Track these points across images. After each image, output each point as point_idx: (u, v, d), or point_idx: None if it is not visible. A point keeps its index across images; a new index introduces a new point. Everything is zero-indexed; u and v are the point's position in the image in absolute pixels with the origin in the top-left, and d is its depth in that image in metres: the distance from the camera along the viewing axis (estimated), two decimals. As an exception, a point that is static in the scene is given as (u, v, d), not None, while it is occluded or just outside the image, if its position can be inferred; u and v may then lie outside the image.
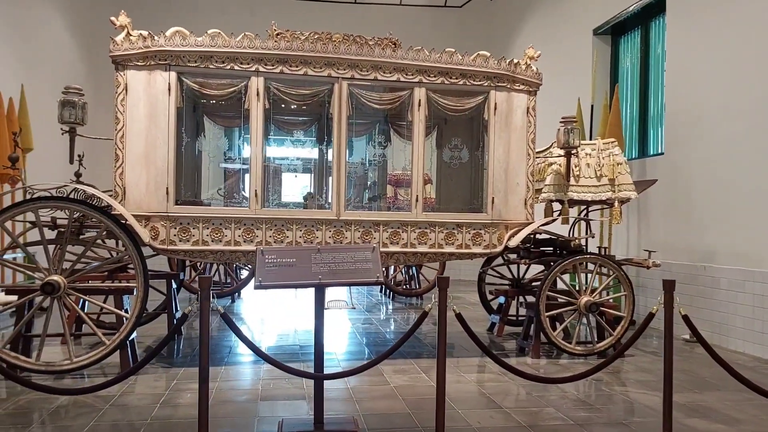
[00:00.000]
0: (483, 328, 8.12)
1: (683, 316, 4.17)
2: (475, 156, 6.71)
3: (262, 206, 5.87)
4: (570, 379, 4.35)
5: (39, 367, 5.28)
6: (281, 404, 4.75)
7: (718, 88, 7.50)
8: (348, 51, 5.82)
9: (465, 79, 6.10)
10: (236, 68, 5.67)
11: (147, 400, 4.78)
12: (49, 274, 5.26)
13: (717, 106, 7.49)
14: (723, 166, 7.37)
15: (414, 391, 5.16)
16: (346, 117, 5.92)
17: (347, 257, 4.19)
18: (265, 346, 7.02)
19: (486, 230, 6.19)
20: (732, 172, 7.23)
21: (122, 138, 5.56)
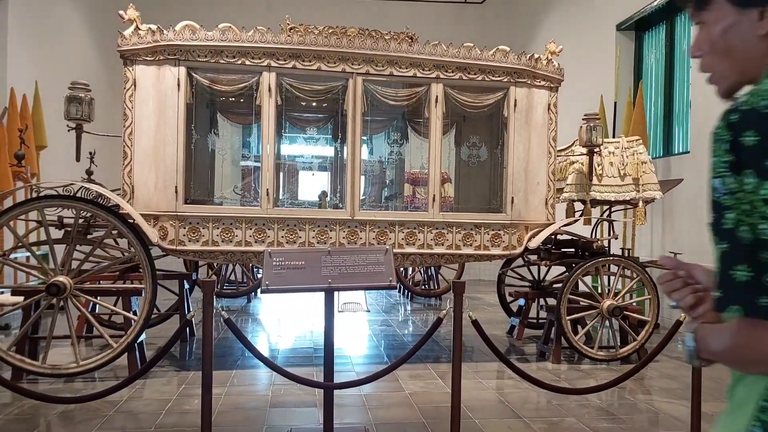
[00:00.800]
0: (503, 330, 7.90)
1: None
2: (495, 154, 6.48)
3: (274, 205, 5.71)
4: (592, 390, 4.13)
5: (45, 369, 5.17)
6: (292, 412, 4.58)
7: (748, 83, 7.21)
8: (363, 45, 5.63)
9: (484, 75, 5.88)
10: (247, 63, 5.50)
11: (153, 406, 4.63)
12: (55, 275, 5.14)
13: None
14: (753, 165, 7.07)
15: (429, 398, 4.97)
16: (360, 113, 5.74)
17: (359, 260, 4.01)
18: (280, 348, 6.87)
19: (505, 231, 5.97)
20: None
21: (131, 135, 5.41)
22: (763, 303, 0.99)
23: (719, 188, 1.06)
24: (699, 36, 1.26)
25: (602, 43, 10.28)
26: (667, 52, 9.19)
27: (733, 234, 1.02)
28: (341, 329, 7.80)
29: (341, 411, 4.55)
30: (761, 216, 1.00)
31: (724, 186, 1.05)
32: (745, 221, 1.01)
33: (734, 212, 1.03)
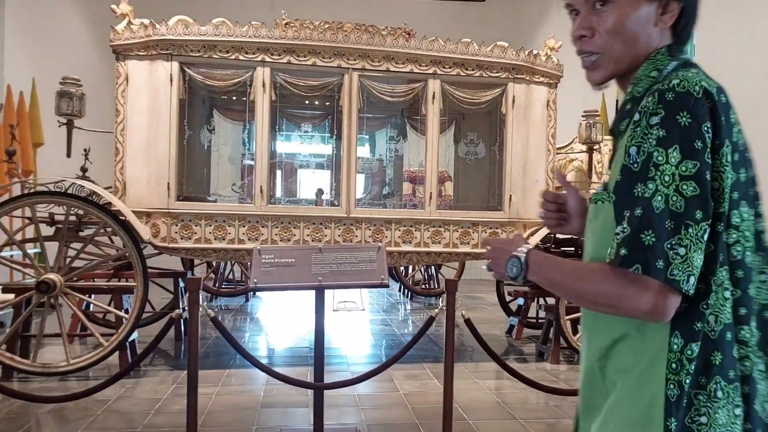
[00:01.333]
0: (502, 330, 7.80)
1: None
2: (492, 152, 6.39)
3: (270, 203, 5.63)
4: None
5: (35, 368, 5.10)
6: (282, 412, 4.50)
7: (747, 81, 7.09)
8: (359, 40, 5.55)
9: (482, 71, 5.79)
10: (241, 58, 5.42)
11: (142, 406, 4.55)
12: (45, 272, 5.07)
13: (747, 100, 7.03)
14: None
15: (424, 398, 4.88)
16: (356, 110, 5.65)
17: (350, 257, 3.92)
18: (276, 347, 6.79)
19: (503, 229, 5.88)
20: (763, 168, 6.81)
21: (123, 131, 5.34)
22: (659, 266, 1.08)
23: (633, 155, 1.15)
24: (596, 16, 1.28)
25: (605, 40, 10.16)
26: (670, 49, 9.07)
27: (649, 202, 1.11)
28: (339, 328, 7.72)
29: (334, 411, 4.47)
30: (676, 190, 1.10)
31: (639, 155, 1.14)
32: (661, 192, 1.10)
33: (654, 183, 1.11)
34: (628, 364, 1.21)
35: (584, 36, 1.30)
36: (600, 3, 1.28)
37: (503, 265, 1.31)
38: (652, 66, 1.27)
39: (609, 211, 1.19)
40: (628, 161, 1.15)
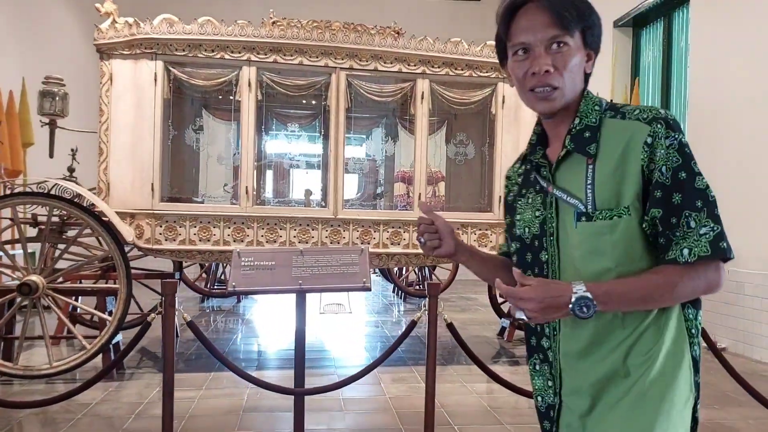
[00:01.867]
0: (494, 332, 7.73)
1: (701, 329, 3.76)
2: (482, 152, 6.31)
3: (257, 204, 5.56)
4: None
5: (17, 371, 5.03)
6: (264, 416, 4.42)
7: (744, 82, 7.02)
8: (346, 39, 5.48)
9: (471, 71, 5.72)
10: (227, 57, 5.35)
11: (124, 410, 4.48)
12: (28, 274, 5.00)
13: (743, 101, 7.01)
14: (749, 164, 6.89)
15: (410, 402, 4.80)
16: (344, 109, 5.58)
17: (332, 260, 3.85)
18: (265, 350, 6.72)
19: (493, 231, 5.80)
20: (758, 170, 6.75)
21: (107, 131, 5.28)
22: (725, 246, 1.35)
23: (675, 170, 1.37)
24: (556, 56, 1.44)
25: (599, 40, 10.09)
26: (664, 49, 9.00)
27: (707, 198, 1.37)
28: (329, 331, 7.65)
29: (317, 416, 4.40)
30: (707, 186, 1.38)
31: (680, 169, 1.37)
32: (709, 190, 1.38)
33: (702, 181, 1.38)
34: (650, 344, 1.39)
35: (549, 71, 1.43)
36: (558, 44, 1.43)
37: (564, 310, 1.34)
38: (591, 102, 1.49)
39: (629, 223, 1.38)
40: (672, 175, 1.36)
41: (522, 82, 1.48)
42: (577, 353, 1.48)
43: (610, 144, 1.41)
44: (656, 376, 1.38)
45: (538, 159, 1.53)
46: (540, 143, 1.56)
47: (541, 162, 1.53)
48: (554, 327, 1.52)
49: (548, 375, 1.55)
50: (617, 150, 1.39)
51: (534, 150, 1.55)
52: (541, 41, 1.44)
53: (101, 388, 4.99)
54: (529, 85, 1.46)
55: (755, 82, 6.86)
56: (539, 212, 1.52)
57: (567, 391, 1.51)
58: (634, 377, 1.39)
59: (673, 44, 8.88)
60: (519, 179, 1.64)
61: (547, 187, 1.49)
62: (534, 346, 1.59)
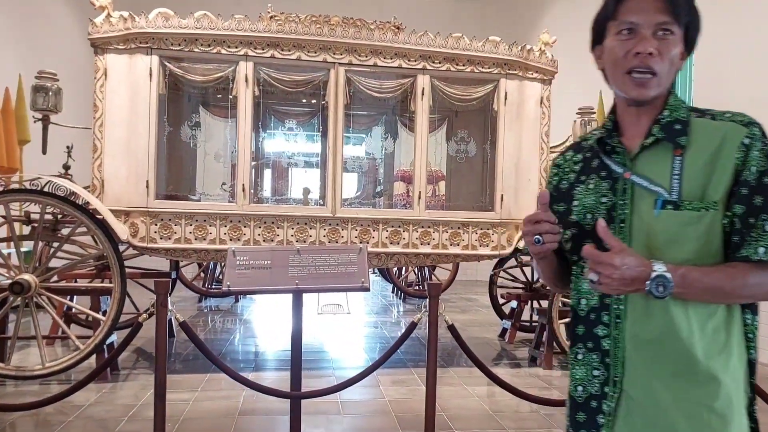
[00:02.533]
0: (495, 334, 7.63)
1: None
2: (484, 150, 6.20)
3: (254, 202, 5.46)
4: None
5: (9, 371, 4.92)
6: (260, 420, 4.32)
7: (747, 81, 6.92)
8: (345, 34, 5.37)
9: (473, 66, 5.61)
10: (223, 52, 5.24)
11: (117, 412, 4.38)
12: (20, 272, 4.89)
13: (746, 98, 6.90)
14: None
15: (409, 405, 4.70)
16: (342, 106, 5.47)
17: (330, 260, 3.74)
18: (262, 350, 6.61)
19: (494, 230, 5.70)
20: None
21: (101, 127, 5.17)
22: None
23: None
24: (662, 43, 1.45)
25: (603, 37, 9.97)
26: (669, 47, 8.89)
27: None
28: (327, 331, 7.55)
29: (315, 419, 4.30)
30: None
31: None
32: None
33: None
34: (719, 345, 1.42)
35: (652, 53, 1.44)
36: (665, 31, 1.45)
37: (639, 285, 1.35)
38: (678, 99, 1.52)
39: (715, 217, 1.41)
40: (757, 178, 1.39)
41: (620, 62, 1.48)
42: (646, 343, 1.45)
43: (701, 140, 1.44)
44: (728, 377, 1.41)
45: (615, 144, 1.54)
46: (614, 129, 1.57)
47: (619, 147, 1.53)
48: (617, 314, 1.49)
49: (597, 364, 1.52)
50: (710, 147, 1.43)
51: (610, 135, 1.55)
52: (649, 24, 1.45)
53: (95, 389, 4.89)
54: (630, 65, 1.46)
55: (758, 81, 6.76)
56: (606, 198, 1.52)
57: (631, 381, 1.47)
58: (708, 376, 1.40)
59: (677, 42, 8.76)
60: (575, 167, 1.64)
61: (624, 172, 1.49)
62: (581, 335, 1.55)
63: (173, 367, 5.72)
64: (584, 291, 1.55)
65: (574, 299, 1.57)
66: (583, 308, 1.55)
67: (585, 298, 1.54)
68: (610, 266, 1.34)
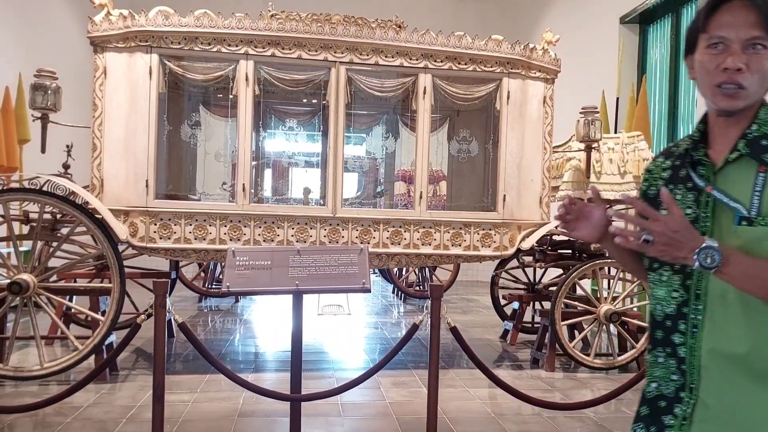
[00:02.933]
0: (496, 335, 7.58)
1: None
2: (486, 150, 6.15)
3: (253, 201, 5.42)
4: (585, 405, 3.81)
5: (7, 372, 4.88)
6: (260, 422, 4.27)
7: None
8: (346, 33, 5.32)
9: (475, 65, 5.56)
10: (223, 51, 5.20)
11: (115, 413, 4.33)
12: (18, 272, 4.85)
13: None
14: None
15: (411, 408, 4.65)
16: (343, 105, 5.43)
17: (330, 260, 3.70)
18: (262, 351, 6.58)
19: (497, 230, 5.65)
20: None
21: (100, 126, 5.13)
22: None
23: None
24: (754, 57, 1.45)
25: (605, 36, 9.94)
26: (672, 46, 8.84)
27: None
28: (327, 332, 7.51)
29: (315, 421, 4.25)
30: None
31: None
32: None
33: None
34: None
35: (741, 69, 1.44)
36: (755, 46, 1.45)
37: (687, 253, 1.37)
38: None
39: None
40: None
41: (710, 75, 1.49)
42: (724, 355, 1.46)
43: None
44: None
45: (701, 156, 1.54)
46: (701, 141, 1.57)
47: (704, 160, 1.53)
48: (694, 324, 1.50)
49: (674, 369, 1.54)
50: None
51: (696, 147, 1.56)
52: (740, 39, 1.45)
53: (94, 390, 4.85)
54: (718, 80, 1.48)
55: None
56: (691, 210, 1.53)
57: (708, 390, 1.49)
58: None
59: (681, 42, 8.71)
60: (664, 174, 1.65)
61: (705, 186, 1.50)
62: (659, 340, 1.57)
63: (173, 367, 5.68)
64: (661, 298, 1.56)
65: (652, 305, 1.60)
66: (659, 314, 1.57)
67: (661, 305, 1.56)
68: (664, 226, 1.36)
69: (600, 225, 1.65)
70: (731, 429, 1.44)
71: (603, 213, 1.66)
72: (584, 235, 1.67)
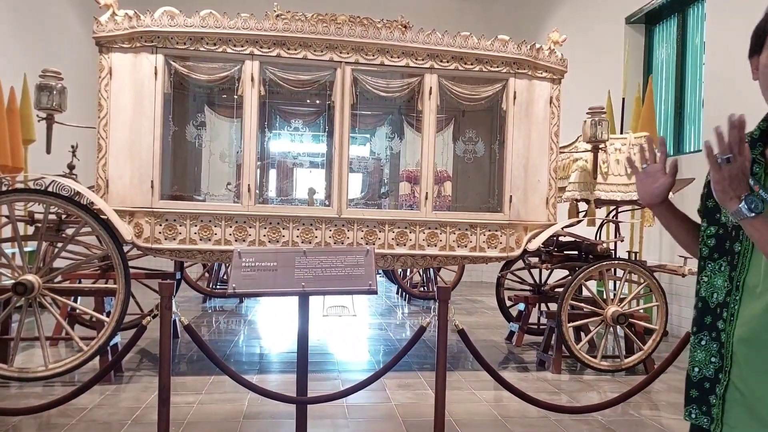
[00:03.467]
0: (502, 336, 7.55)
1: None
2: (492, 150, 6.12)
3: (258, 202, 5.40)
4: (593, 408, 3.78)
5: (12, 373, 4.87)
6: (265, 424, 4.25)
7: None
8: (352, 33, 5.30)
9: (481, 65, 5.53)
10: (229, 51, 5.18)
11: (119, 415, 4.32)
12: (23, 273, 4.84)
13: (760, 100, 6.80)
14: None
15: (417, 410, 4.63)
16: (349, 105, 5.40)
17: (336, 261, 3.67)
18: (267, 352, 6.56)
19: (503, 231, 5.62)
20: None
21: (105, 126, 5.11)
22: None
23: None
24: None
25: (610, 37, 9.90)
26: (678, 46, 8.80)
27: None
28: (332, 333, 7.49)
29: (320, 423, 4.23)
30: None
31: None
32: None
33: None
34: None
35: None
36: None
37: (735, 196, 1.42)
38: None
39: None
40: None
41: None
42: (747, 342, 1.54)
43: None
44: None
45: (756, 156, 1.56)
46: (761, 140, 1.61)
47: (759, 159, 1.56)
48: (731, 313, 1.58)
49: (714, 352, 1.63)
50: None
51: (754, 145, 1.59)
52: None
53: (98, 391, 4.84)
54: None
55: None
56: None
57: (737, 374, 1.57)
58: None
59: (687, 41, 8.67)
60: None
61: (754, 185, 1.51)
62: (708, 324, 1.65)
63: (177, 368, 5.66)
64: (718, 286, 1.63)
65: (708, 292, 1.65)
66: (713, 302, 1.63)
67: (716, 293, 1.63)
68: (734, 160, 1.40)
69: (662, 191, 1.75)
70: (755, 411, 1.52)
71: (669, 183, 1.75)
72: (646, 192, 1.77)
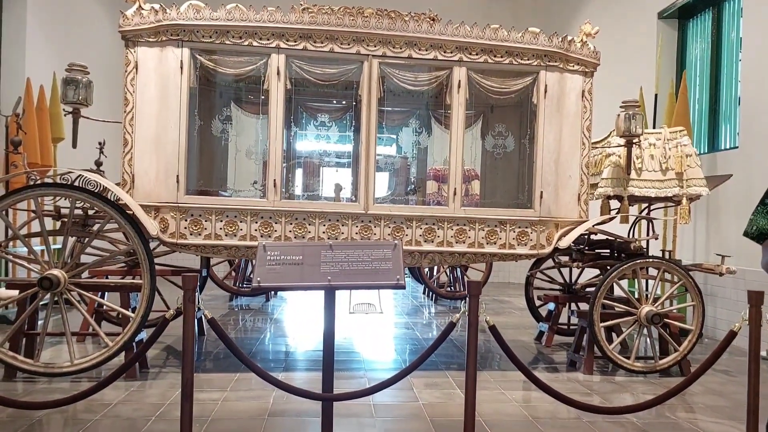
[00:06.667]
0: (531, 337, 7.40)
1: None
2: (522, 145, 5.99)
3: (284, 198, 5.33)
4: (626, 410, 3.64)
5: (38, 368, 4.86)
6: (291, 422, 4.17)
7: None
8: (379, 25, 5.21)
9: (511, 58, 5.41)
10: (255, 44, 5.12)
11: (143, 412, 4.27)
12: (49, 268, 4.83)
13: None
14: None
15: (445, 410, 4.52)
16: (376, 100, 5.32)
17: (363, 256, 3.58)
18: (293, 350, 6.49)
19: (533, 228, 5.49)
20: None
21: (131, 121, 5.09)
22: None
23: None
24: None
25: (643, 32, 9.69)
26: (713, 42, 8.56)
27: None
28: (359, 331, 7.40)
29: (347, 421, 4.14)
30: None
31: None
32: None
33: None
34: None
35: None
36: None
37: None
38: None
39: None
40: None
41: None
42: None
43: None
44: None
45: None
46: None
47: None
48: None
49: None
50: None
51: None
52: None
53: (124, 387, 4.82)
54: None
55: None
56: None
57: None
58: None
59: (723, 36, 8.43)
60: None
61: None
62: None
63: (203, 366, 5.62)
64: None
65: None
66: None
67: None
68: None
69: None
70: None
71: None
72: None
